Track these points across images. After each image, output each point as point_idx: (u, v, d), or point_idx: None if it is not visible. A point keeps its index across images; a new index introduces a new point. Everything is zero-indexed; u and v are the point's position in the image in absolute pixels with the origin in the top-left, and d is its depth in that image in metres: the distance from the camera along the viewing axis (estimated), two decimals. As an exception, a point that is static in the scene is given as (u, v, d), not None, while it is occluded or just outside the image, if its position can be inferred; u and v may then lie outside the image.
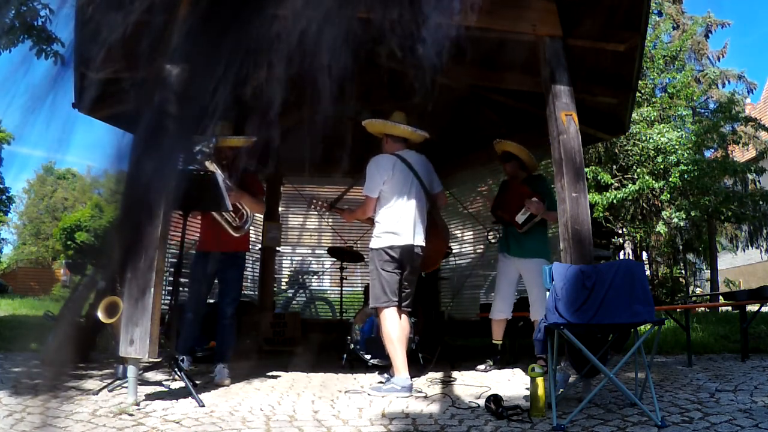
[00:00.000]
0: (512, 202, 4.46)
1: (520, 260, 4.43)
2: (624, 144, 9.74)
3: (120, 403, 2.85)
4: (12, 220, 31.26)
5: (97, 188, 31.55)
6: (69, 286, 21.71)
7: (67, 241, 25.22)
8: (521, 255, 4.42)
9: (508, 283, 4.52)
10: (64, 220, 27.01)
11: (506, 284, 4.52)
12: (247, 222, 3.93)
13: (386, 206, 3.73)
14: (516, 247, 4.46)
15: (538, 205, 4.26)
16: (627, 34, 3.97)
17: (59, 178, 34.99)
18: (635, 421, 2.50)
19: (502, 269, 4.57)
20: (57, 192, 34.09)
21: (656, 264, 12.21)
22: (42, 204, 33.70)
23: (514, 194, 4.48)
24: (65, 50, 4.16)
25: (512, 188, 4.57)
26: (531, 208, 4.27)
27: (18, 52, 4.32)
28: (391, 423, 2.63)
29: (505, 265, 4.54)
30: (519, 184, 4.55)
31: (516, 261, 4.45)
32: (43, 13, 4.34)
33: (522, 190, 4.45)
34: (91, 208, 26.67)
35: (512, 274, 4.50)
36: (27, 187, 34.54)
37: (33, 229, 32.73)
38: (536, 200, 4.27)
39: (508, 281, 4.52)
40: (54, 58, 4.28)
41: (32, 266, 30.00)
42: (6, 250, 31.42)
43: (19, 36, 4.30)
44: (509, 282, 4.51)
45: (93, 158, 24.38)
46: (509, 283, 4.51)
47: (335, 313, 7.26)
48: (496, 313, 4.54)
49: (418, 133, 3.87)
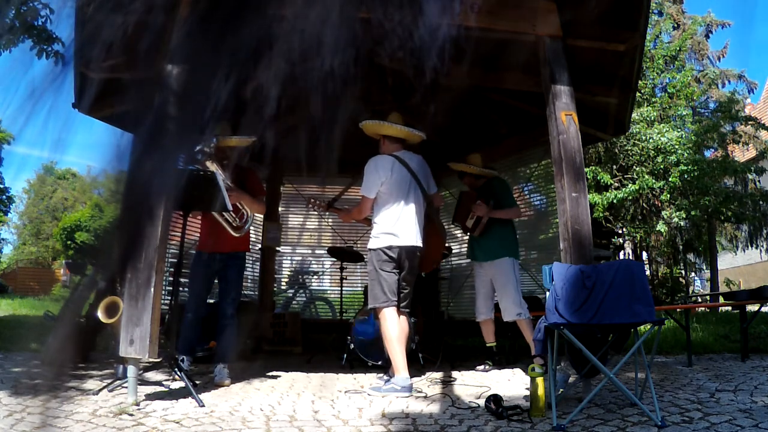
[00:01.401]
0: (460, 209, 4.73)
1: (486, 264, 4.56)
2: (624, 144, 9.73)
3: (120, 403, 2.86)
4: (12, 220, 31.30)
5: (97, 188, 31.56)
6: (69, 286, 21.69)
7: (67, 241, 25.21)
8: (485, 258, 4.57)
9: (480, 285, 4.65)
10: (64, 220, 26.99)
11: (479, 287, 4.66)
12: (247, 222, 3.93)
13: (384, 207, 3.74)
14: (479, 252, 4.63)
15: (481, 207, 4.49)
16: (627, 34, 3.97)
17: (59, 178, 34.98)
18: (635, 421, 2.50)
19: (476, 275, 4.74)
20: (57, 192, 34.08)
21: (656, 264, 12.20)
22: (42, 204, 33.69)
23: (462, 202, 4.75)
24: (65, 50, 4.17)
25: (464, 197, 4.79)
26: (476, 211, 4.52)
27: (18, 52, 4.32)
28: (391, 423, 2.63)
29: (476, 270, 4.71)
30: (468, 192, 4.79)
31: (484, 265, 4.59)
32: (43, 13, 4.35)
33: (468, 195, 4.73)
34: (91, 208, 26.66)
35: (483, 277, 4.63)
36: (27, 187, 34.58)
37: (33, 229, 32.73)
38: (479, 203, 4.51)
39: (480, 284, 4.65)
40: (54, 58, 4.28)
41: (32, 266, 30.00)
42: (6, 250, 31.46)
43: (19, 36, 4.30)
44: (481, 285, 4.64)
45: (93, 158, 24.36)
46: (482, 285, 4.64)
47: (335, 313, 7.25)
48: (477, 314, 4.67)
49: (414, 134, 3.88)
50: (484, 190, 4.66)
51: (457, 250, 6.98)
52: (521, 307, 4.31)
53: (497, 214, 4.52)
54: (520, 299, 4.35)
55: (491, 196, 4.57)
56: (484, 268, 4.57)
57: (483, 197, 4.57)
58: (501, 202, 4.56)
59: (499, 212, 4.52)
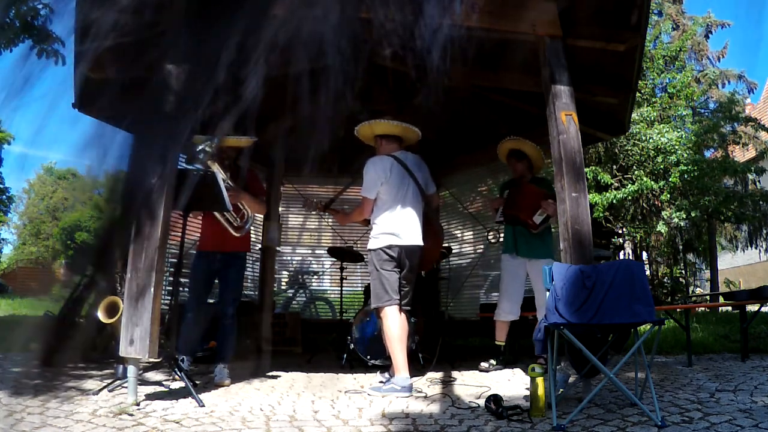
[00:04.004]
0: (524, 202, 4.38)
1: (529, 261, 4.40)
2: (624, 144, 9.73)
3: (120, 403, 2.86)
4: (12, 220, 31.28)
5: (97, 188, 31.52)
6: (69, 286, 21.68)
7: (67, 241, 25.19)
8: (531, 256, 4.39)
9: (517, 284, 4.46)
10: (64, 220, 26.98)
11: (515, 285, 4.46)
12: (248, 222, 3.93)
13: (383, 207, 3.75)
14: (525, 248, 4.42)
15: (555, 207, 4.15)
16: (627, 34, 3.97)
17: (59, 178, 34.97)
18: (635, 421, 2.50)
19: (510, 270, 4.50)
20: (57, 192, 34.06)
21: (656, 264, 12.20)
22: (42, 204, 33.68)
23: (525, 194, 4.42)
24: (65, 50, 4.17)
25: (523, 188, 4.49)
26: (548, 209, 4.23)
27: (18, 52, 4.32)
28: (391, 423, 2.62)
29: (513, 265, 4.48)
30: (529, 184, 4.50)
31: (525, 261, 4.43)
32: (43, 13, 4.34)
33: (534, 190, 4.40)
34: (91, 208, 26.63)
35: (521, 275, 4.46)
36: (27, 187, 34.56)
37: (33, 229, 32.70)
38: (552, 201, 4.19)
39: (517, 282, 4.46)
40: (54, 57, 4.28)
41: (32, 266, 29.98)
42: (6, 250, 31.43)
43: (19, 35, 4.30)
44: (518, 283, 4.46)
45: (92, 158, 24.26)
46: (518, 284, 4.46)
47: (335, 313, 7.25)
48: (503, 314, 4.49)
49: (410, 129, 3.87)
50: (541, 187, 4.41)
51: (456, 250, 6.98)
52: None
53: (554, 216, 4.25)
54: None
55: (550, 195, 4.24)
56: (524, 264, 4.41)
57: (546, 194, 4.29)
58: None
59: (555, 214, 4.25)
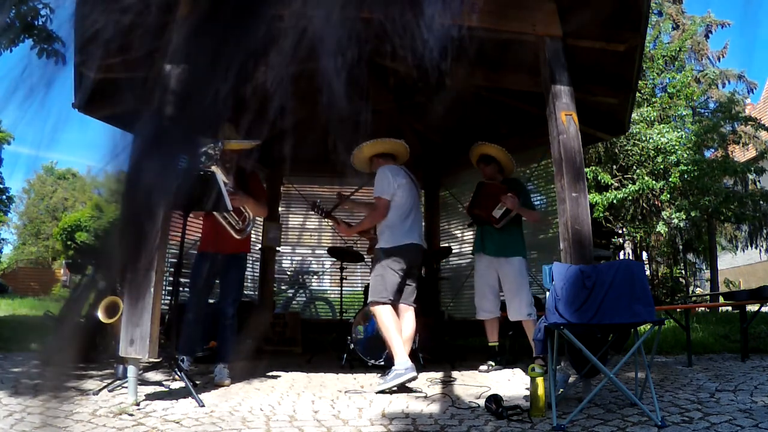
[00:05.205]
0: (488, 201, 4.54)
1: (497, 259, 4.48)
2: (624, 144, 9.73)
3: (120, 403, 2.86)
4: (12, 220, 31.30)
5: (97, 188, 31.55)
6: (69, 286, 21.68)
7: (67, 241, 25.20)
8: (498, 254, 4.48)
9: (485, 282, 4.55)
10: (64, 220, 26.99)
11: (484, 284, 4.55)
12: (249, 224, 3.94)
13: (396, 209, 3.87)
14: (492, 246, 4.52)
15: (513, 200, 4.35)
16: (627, 34, 3.97)
17: (59, 178, 34.99)
18: (635, 421, 2.50)
19: (479, 269, 4.62)
20: (57, 192, 34.08)
21: (656, 264, 12.20)
22: (42, 204, 33.70)
23: (489, 193, 4.57)
24: (65, 49, 4.16)
25: (488, 188, 4.64)
26: (507, 202, 4.36)
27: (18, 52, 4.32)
28: (391, 423, 2.63)
29: (482, 264, 4.59)
30: (492, 183, 4.64)
31: (493, 260, 4.51)
32: (43, 12, 4.34)
33: (496, 186, 4.55)
34: (91, 208, 26.66)
35: (490, 273, 4.53)
36: (27, 187, 34.58)
37: (33, 229, 32.73)
38: (511, 195, 4.37)
39: (486, 280, 4.54)
40: (54, 57, 4.28)
41: (32, 266, 29.99)
42: (6, 250, 31.46)
43: (19, 35, 4.30)
44: (487, 281, 4.54)
45: (93, 158, 24.33)
46: (487, 282, 4.54)
47: (335, 313, 7.25)
48: (481, 313, 4.57)
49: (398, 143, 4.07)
50: (508, 186, 4.55)
51: (457, 250, 6.98)
52: (532, 308, 4.30)
53: (524, 212, 4.46)
54: (531, 299, 4.34)
55: (519, 193, 4.47)
56: (493, 263, 4.49)
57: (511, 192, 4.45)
58: (526, 202, 4.51)
59: (526, 211, 4.47)
